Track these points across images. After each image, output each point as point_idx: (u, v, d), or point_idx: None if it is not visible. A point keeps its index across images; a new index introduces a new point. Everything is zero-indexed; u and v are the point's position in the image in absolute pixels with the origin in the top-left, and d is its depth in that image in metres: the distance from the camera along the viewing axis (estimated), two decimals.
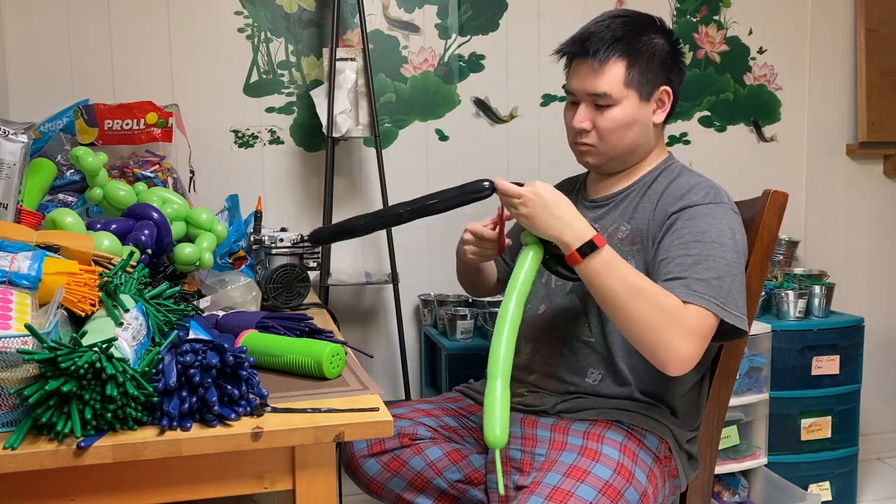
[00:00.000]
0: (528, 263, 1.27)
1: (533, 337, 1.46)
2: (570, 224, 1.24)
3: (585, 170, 1.56)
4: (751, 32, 2.50)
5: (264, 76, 2.19)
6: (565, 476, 1.20)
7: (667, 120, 1.46)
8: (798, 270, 2.42)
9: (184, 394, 0.92)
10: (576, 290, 1.42)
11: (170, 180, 1.91)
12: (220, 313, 1.40)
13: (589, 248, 1.22)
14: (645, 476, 1.27)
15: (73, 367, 0.84)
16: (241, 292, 1.51)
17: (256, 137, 2.20)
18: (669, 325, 1.20)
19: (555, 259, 1.29)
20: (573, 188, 1.59)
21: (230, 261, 1.75)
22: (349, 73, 2.04)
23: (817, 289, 2.27)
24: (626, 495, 1.21)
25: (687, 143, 2.49)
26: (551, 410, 1.40)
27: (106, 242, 1.29)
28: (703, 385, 1.45)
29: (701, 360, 1.40)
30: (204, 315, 1.37)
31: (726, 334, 1.28)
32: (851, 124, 2.62)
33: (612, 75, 1.37)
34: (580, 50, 1.40)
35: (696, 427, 1.44)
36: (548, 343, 1.44)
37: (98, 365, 0.86)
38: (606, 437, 1.30)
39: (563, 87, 1.47)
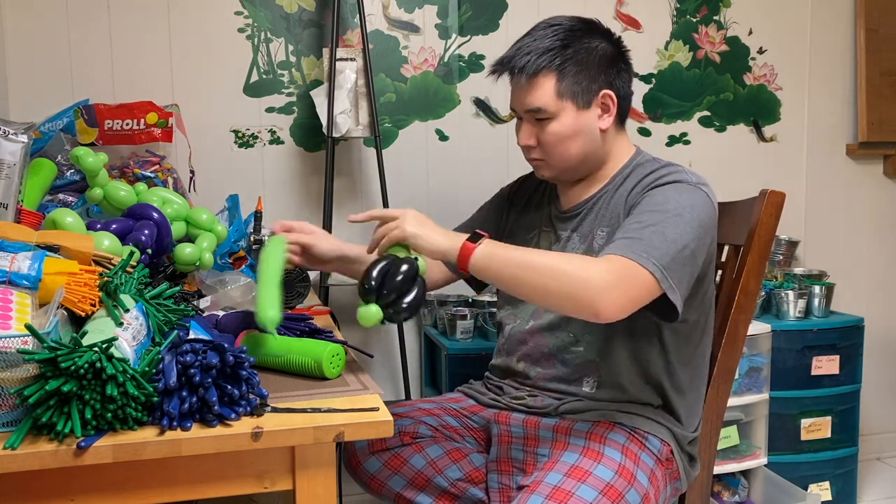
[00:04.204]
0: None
1: (525, 353, 1.46)
2: (446, 232, 1.25)
3: None
4: (751, 32, 2.50)
5: (264, 76, 2.19)
6: (566, 476, 1.20)
7: (622, 122, 1.42)
8: (798, 270, 2.42)
9: (184, 394, 0.92)
10: None
11: (170, 180, 1.91)
12: (220, 313, 1.40)
13: (475, 239, 1.21)
14: (647, 478, 1.27)
15: (73, 367, 0.84)
16: (241, 292, 1.50)
17: (256, 137, 2.20)
18: (580, 273, 1.16)
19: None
20: (542, 193, 1.55)
21: (230, 261, 1.75)
22: (349, 73, 2.04)
23: (817, 289, 2.28)
24: (628, 497, 1.21)
25: (687, 143, 2.49)
26: (553, 412, 1.40)
27: (106, 242, 1.29)
28: (700, 386, 1.45)
29: (696, 357, 1.40)
30: (204, 315, 1.37)
31: (661, 310, 1.24)
32: (851, 124, 2.62)
33: (544, 89, 1.34)
34: (507, 67, 1.38)
35: (696, 428, 1.44)
36: (540, 358, 1.43)
37: (98, 365, 0.86)
38: (609, 438, 1.30)
39: None
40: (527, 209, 1.56)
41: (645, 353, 1.37)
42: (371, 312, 1.14)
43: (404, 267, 1.16)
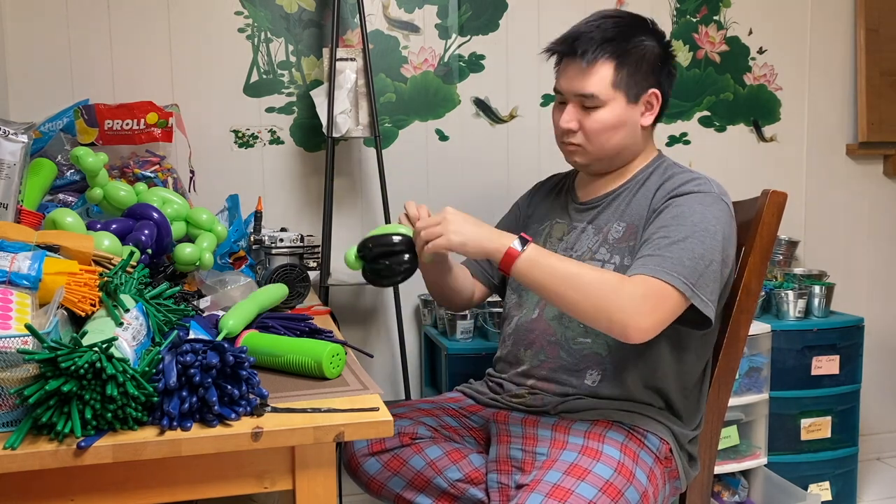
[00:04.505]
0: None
1: (530, 341, 1.46)
2: (490, 231, 1.27)
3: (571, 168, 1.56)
4: (751, 32, 2.50)
5: (264, 76, 2.19)
6: (566, 474, 1.20)
7: (656, 122, 1.46)
8: (798, 270, 2.42)
9: (184, 394, 0.92)
10: None
11: (170, 180, 1.90)
12: (221, 313, 1.40)
13: (521, 244, 1.24)
14: (646, 476, 1.27)
15: (73, 367, 0.84)
16: (241, 292, 1.50)
17: (256, 137, 2.20)
18: (612, 296, 1.20)
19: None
20: (560, 187, 1.59)
21: (230, 261, 1.76)
22: (349, 73, 2.04)
23: (817, 289, 2.28)
24: (627, 495, 1.21)
25: (687, 143, 2.49)
26: (552, 411, 1.40)
27: (106, 242, 1.29)
28: (703, 384, 1.45)
29: (699, 353, 1.40)
30: (204, 315, 1.37)
31: (693, 322, 1.28)
32: (851, 124, 2.62)
33: (601, 76, 1.37)
34: (569, 49, 1.39)
35: (696, 427, 1.44)
36: (545, 346, 1.44)
37: (98, 365, 0.86)
38: (608, 436, 1.30)
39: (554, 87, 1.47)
40: (544, 201, 1.59)
41: (655, 355, 1.37)
42: (351, 258, 1.35)
43: (406, 256, 1.33)
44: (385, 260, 1.33)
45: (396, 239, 1.33)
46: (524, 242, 1.25)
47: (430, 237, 1.27)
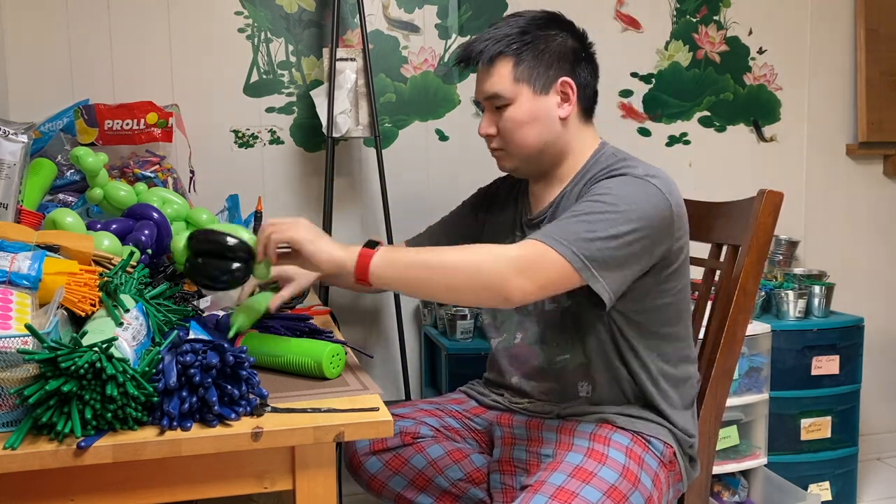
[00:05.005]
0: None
1: (516, 367, 1.45)
2: (341, 245, 1.18)
3: None
4: (751, 32, 2.50)
5: (264, 76, 2.19)
6: (571, 476, 1.19)
7: (588, 115, 1.39)
8: (798, 270, 2.42)
9: (184, 394, 0.92)
10: (546, 313, 1.38)
11: (170, 180, 1.90)
12: (220, 313, 1.40)
13: (371, 247, 1.17)
14: (650, 481, 1.26)
15: (73, 367, 0.84)
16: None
17: (256, 137, 2.20)
18: (483, 261, 1.14)
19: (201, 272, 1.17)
20: (515, 197, 1.52)
21: None
22: (349, 73, 2.04)
23: (817, 289, 2.28)
24: (632, 499, 1.20)
25: (687, 143, 2.49)
26: (556, 414, 1.39)
27: (106, 242, 1.29)
28: (691, 393, 1.42)
29: (679, 364, 1.37)
30: (204, 315, 1.37)
31: (595, 302, 1.21)
32: (851, 124, 2.62)
33: (500, 74, 1.33)
34: (466, 55, 1.37)
35: (693, 427, 1.44)
36: (532, 371, 1.43)
37: (98, 365, 0.86)
38: (613, 440, 1.29)
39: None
40: (501, 211, 1.53)
41: (624, 353, 1.34)
42: (179, 247, 1.20)
43: (234, 265, 1.15)
44: (209, 259, 1.16)
45: (231, 241, 1.15)
46: (374, 244, 1.20)
47: (275, 231, 1.16)
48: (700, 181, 2.45)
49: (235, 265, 1.15)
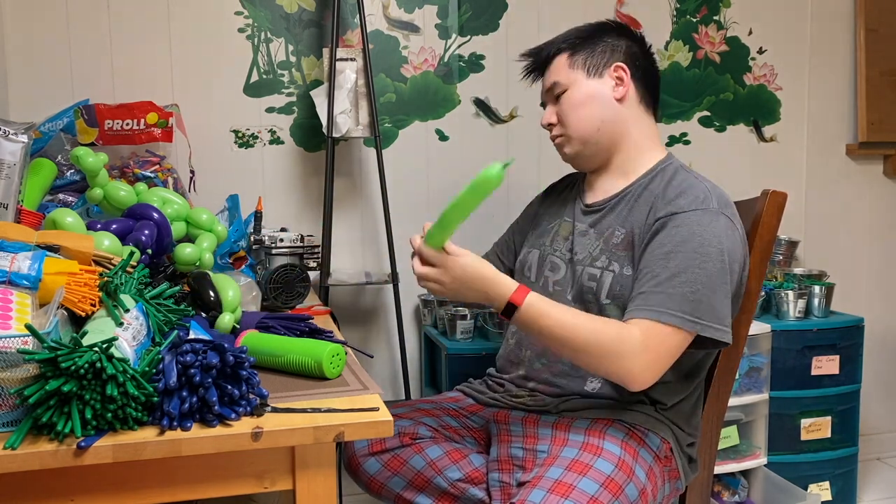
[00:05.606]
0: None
1: (533, 342, 1.46)
2: (486, 292, 1.25)
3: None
4: (751, 32, 2.50)
5: (264, 76, 2.19)
6: (567, 470, 1.21)
7: (649, 105, 1.47)
8: (798, 270, 2.42)
9: (184, 394, 0.92)
10: (573, 297, 1.41)
11: (170, 180, 1.91)
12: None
13: (511, 310, 1.24)
14: (644, 473, 1.27)
15: (73, 367, 0.84)
16: (240, 292, 1.50)
17: (256, 137, 2.20)
18: (612, 348, 1.22)
19: None
20: (573, 186, 1.58)
21: (230, 261, 1.75)
22: (349, 73, 2.04)
23: (817, 289, 2.28)
24: (627, 490, 1.21)
25: (687, 143, 2.49)
26: (553, 410, 1.40)
27: (106, 242, 1.29)
28: (699, 393, 1.44)
29: (695, 368, 1.39)
30: (204, 315, 1.37)
31: (709, 344, 1.28)
32: (851, 124, 2.62)
33: (557, 67, 1.45)
34: (534, 62, 1.51)
35: (694, 430, 1.44)
36: (547, 350, 1.43)
37: (98, 365, 0.86)
38: (608, 433, 1.31)
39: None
40: (557, 199, 1.60)
41: None
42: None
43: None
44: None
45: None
46: (512, 309, 1.24)
47: (424, 279, 1.27)
48: None
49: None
